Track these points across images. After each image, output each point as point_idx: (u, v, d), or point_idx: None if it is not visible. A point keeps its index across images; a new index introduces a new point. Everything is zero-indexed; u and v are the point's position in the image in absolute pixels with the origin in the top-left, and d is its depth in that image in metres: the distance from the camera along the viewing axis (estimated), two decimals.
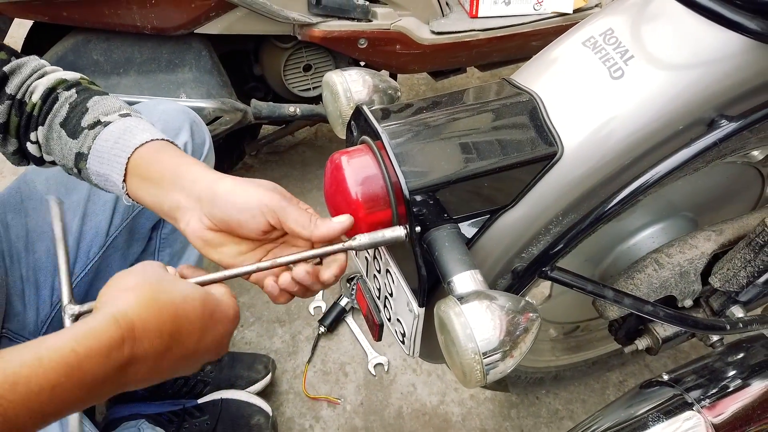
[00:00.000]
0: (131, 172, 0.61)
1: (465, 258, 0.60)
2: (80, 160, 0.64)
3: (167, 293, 0.46)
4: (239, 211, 0.55)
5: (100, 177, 0.63)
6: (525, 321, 0.56)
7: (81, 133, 0.64)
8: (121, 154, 0.61)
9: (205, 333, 0.49)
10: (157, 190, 0.59)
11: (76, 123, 0.65)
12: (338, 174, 0.60)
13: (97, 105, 0.66)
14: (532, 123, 0.63)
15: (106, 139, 0.63)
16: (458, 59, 1.52)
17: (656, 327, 0.93)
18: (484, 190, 0.63)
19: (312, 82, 1.46)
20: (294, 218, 0.55)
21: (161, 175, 0.59)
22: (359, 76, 0.74)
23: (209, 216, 0.56)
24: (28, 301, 0.89)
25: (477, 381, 0.55)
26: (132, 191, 0.61)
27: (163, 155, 0.61)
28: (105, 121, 0.64)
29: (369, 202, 0.59)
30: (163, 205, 0.58)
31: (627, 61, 0.62)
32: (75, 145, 0.64)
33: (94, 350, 0.40)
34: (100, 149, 0.63)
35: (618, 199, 0.64)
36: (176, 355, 0.47)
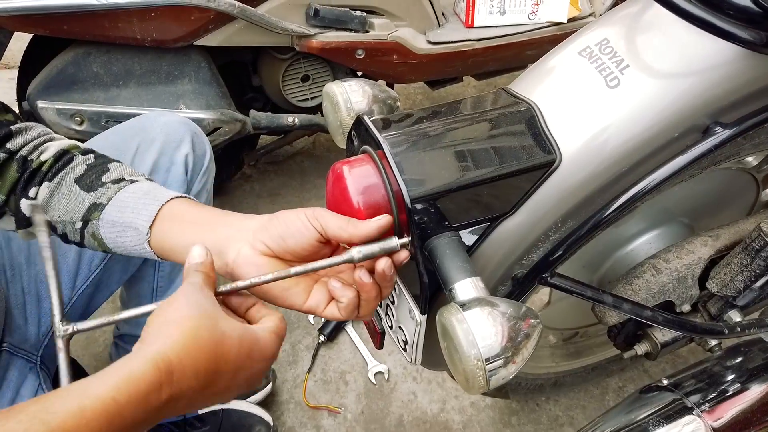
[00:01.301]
0: (162, 217, 0.61)
1: (466, 265, 0.61)
2: (95, 210, 0.63)
3: (208, 331, 0.46)
4: (292, 222, 0.57)
5: (116, 227, 0.63)
6: (526, 327, 0.56)
7: (101, 187, 0.64)
8: (152, 202, 0.61)
9: (240, 371, 0.49)
10: (196, 228, 0.60)
11: (95, 179, 0.65)
12: (340, 183, 0.61)
13: (119, 168, 0.67)
14: (531, 131, 0.64)
15: (133, 191, 0.63)
16: (455, 68, 1.53)
17: (655, 332, 0.94)
18: (483, 198, 0.63)
19: (310, 93, 1.47)
20: (334, 221, 0.57)
21: (205, 218, 0.60)
22: (359, 87, 0.75)
23: (263, 238, 0.57)
24: (30, 314, 0.89)
25: (480, 387, 0.55)
26: (160, 234, 0.61)
27: (198, 207, 0.62)
28: (130, 179, 0.65)
29: (370, 210, 0.60)
30: (205, 240, 0.57)
31: (623, 71, 0.63)
32: (91, 197, 0.64)
33: (134, 397, 0.41)
34: (125, 200, 0.63)
35: (616, 205, 0.65)
36: (211, 392, 0.48)
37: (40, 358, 0.90)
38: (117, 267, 0.98)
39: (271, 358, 0.52)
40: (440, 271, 0.61)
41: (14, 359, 0.86)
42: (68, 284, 0.92)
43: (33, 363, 0.89)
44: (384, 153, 0.60)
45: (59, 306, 0.53)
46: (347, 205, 0.60)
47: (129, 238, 0.62)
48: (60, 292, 0.53)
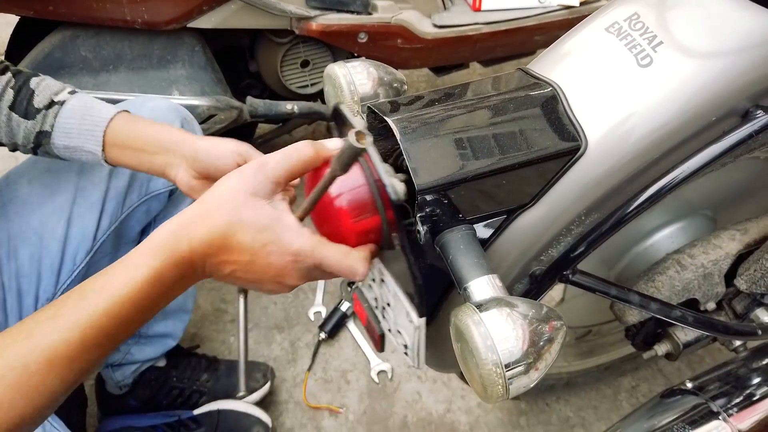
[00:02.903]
0: (108, 142, 0.73)
1: (482, 262, 0.55)
2: (43, 137, 0.73)
3: (226, 215, 0.49)
4: (216, 158, 0.70)
5: (69, 149, 0.74)
6: (549, 330, 0.51)
7: (38, 114, 0.73)
8: (94, 129, 0.72)
9: (253, 263, 0.50)
10: (140, 155, 0.73)
11: (27, 105, 0.73)
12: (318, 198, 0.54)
13: (41, 86, 0.74)
14: (553, 116, 0.58)
15: (69, 117, 0.73)
16: (461, 54, 1.47)
17: (677, 332, 0.88)
18: (501, 189, 0.58)
19: (310, 79, 1.41)
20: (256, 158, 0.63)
21: (144, 142, 0.72)
22: (363, 68, 0.69)
23: (194, 167, 0.71)
24: (10, 311, 0.84)
25: (498, 396, 0.50)
26: (112, 157, 0.74)
27: (138, 125, 0.74)
28: (59, 100, 0.74)
29: (355, 211, 0.53)
30: (151, 165, 0.73)
31: (655, 48, 0.57)
32: (33, 125, 0.73)
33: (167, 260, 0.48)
34: (66, 125, 0.73)
35: (646, 196, 0.60)
36: (232, 265, 0.50)
37: None
38: (104, 261, 0.93)
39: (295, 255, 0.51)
40: (453, 268, 0.56)
41: None
42: (51, 279, 0.87)
43: None
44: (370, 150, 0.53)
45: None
46: (328, 207, 0.54)
47: (85, 156, 0.75)
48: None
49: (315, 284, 1.49)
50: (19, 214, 0.88)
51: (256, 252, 0.49)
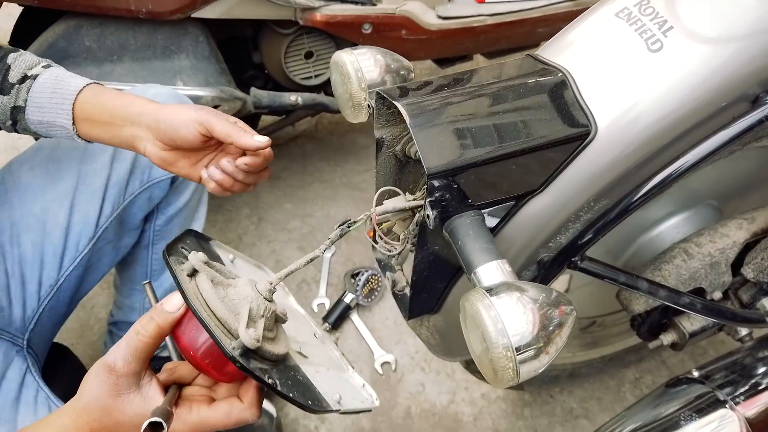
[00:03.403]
0: (78, 117, 0.72)
1: (491, 247, 0.55)
2: (18, 113, 0.73)
3: (98, 421, 0.52)
4: (177, 128, 0.69)
5: (43, 124, 0.73)
6: (559, 315, 0.51)
7: (12, 89, 0.72)
8: (63, 102, 0.71)
9: None
10: (109, 128, 0.72)
11: (3, 80, 0.72)
12: (182, 349, 0.55)
13: (17, 62, 0.73)
14: (563, 101, 0.58)
15: (41, 91, 0.72)
16: (465, 46, 1.47)
17: (682, 321, 0.88)
18: (510, 174, 0.57)
19: (314, 70, 1.40)
20: (220, 128, 0.69)
21: (111, 115, 0.72)
22: (371, 55, 0.69)
23: (159, 138, 0.71)
24: (14, 296, 0.84)
25: (509, 379, 0.50)
26: (83, 131, 0.74)
27: (104, 98, 0.73)
28: (32, 74, 0.72)
29: (216, 364, 0.53)
30: (120, 139, 0.73)
31: (666, 33, 0.57)
32: (8, 100, 0.72)
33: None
34: (39, 100, 0.72)
35: (655, 181, 0.59)
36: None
37: (26, 342, 0.85)
38: (107, 248, 0.93)
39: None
40: (462, 254, 0.56)
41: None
42: (54, 265, 0.87)
43: (19, 346, 0.85)
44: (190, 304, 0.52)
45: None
46: (197, 366, 0.54)
47: (58, 131, 0.74)
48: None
49: (318, 276, 1.49)
50: (22, 201, 0.87)
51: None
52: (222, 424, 0.53)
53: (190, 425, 0.52)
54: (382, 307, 1.43)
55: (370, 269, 1.42)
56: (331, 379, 0.65)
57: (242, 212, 1.64)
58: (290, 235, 1.59)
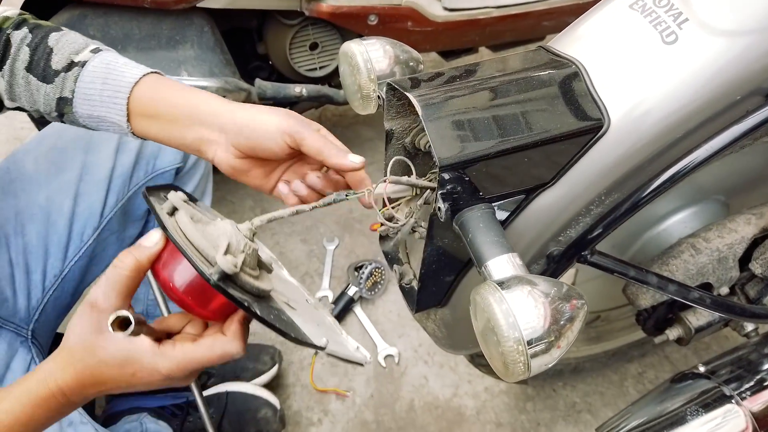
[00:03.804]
0: (134, 111, 0.62)
1: (501, 240, 0.55)
2: (64, 105, 0.63)
3: (82, 361, 0.51)
4: (263, 138, 0.59)
5: (93, 119, 0.63)
6: (571, 309, 0.50)
7: (57, 77, 0.62)
8: (116, 95, 0.61)
9: (133, 386, 0.53)
10: (171, 128, 0.61)
11: (45, 66, 0.62)
12: (163, 285, 0.54)
13: (61, 44, 0.62)
14: (576, 93, 0.57)
15: (90, 81, 0.61)
16: (470, 38, 1.46)
17: (688, 316, 0.88)
18: (522, 167, 0.57)
19: (319, 62, 1.40)
20: (310, 143, 0.59)
21: (174, 113, 0.61)
22: (380, 46, 0.68)
23: (236, 145, 0.60)
24: (18, 286, 0.84)
25: (519, 373, 0.50)
26: (139, 128, 0.63)
27: (166, 92, 0.62)
28: (79, 60, 0.62)
29: (198, 299, 0.53)
30: (183, 140, 0.62)
31: (681, 25, 0.56)
32: (53, 90, 0.62)
33: (37, 407, 0.51)
34: (88, 92, 0.61)
35: (668, 175, 0.59)
36: (116, 390, 0.53)
37: (31, 332, 0.85)
38: (112, 238, 0.93)
39: (166, 376, 0.52)
40: (473, 247, 0.55)
41: (2, 332, 0.81)
42: (59, 256, 0.87)
43: (24, 337, 0.84)
44: (170, 235, 0.51)
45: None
46: (180, 303, 0.53)
47: (111, 127, 0.64)
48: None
49: (321, 269, 1.49)
50: (26, 191, 0.87)
51: (128, 381, 0.52)
52: (206, 358, 0.52)
53: (173, 360, 0.51)
54: (385, 300, 1.43)
55: (373, 262, 1.42)
56: (320, 330, 0.64)
57: (246, 204, 1.64)
58: (293, 227, 1.59)
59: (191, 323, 0.57)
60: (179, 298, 0.52)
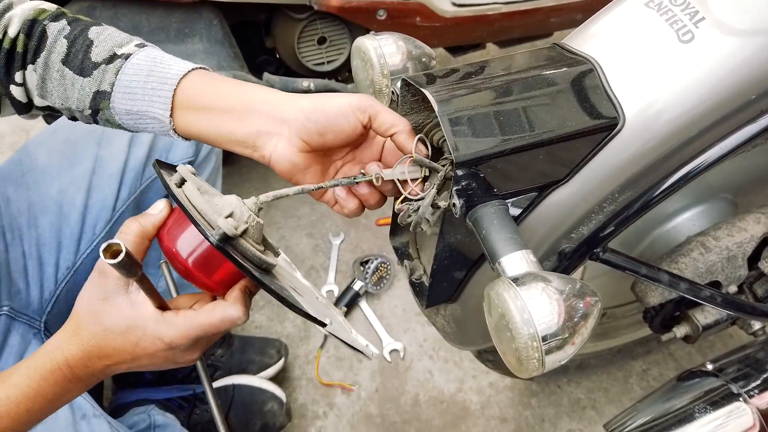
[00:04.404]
0: (180, 105, 0.56)
1: (515, 237, 0.55)
2: (101, 99, 0.57)
3: (88, 329, 0.51)
4: (335, 117, 0.55)
5: (131, 115, 0.58)
6: (585, 306, 0.51)
7: (96, 69, 0.57)
8: (162, 87, 0.56)
9: (137, 358, 0.52)
10: (223, 120, 0.56)
11: (83, 58, 0.57)
12: (167, 253, 0.54)
13: (102, 36, 0.59)
14: (591, 91, 0.57)
15: (134, 73, 0.56)
16: (478, 34, 1.45)
17: (696, 314, 0.88)
18: (537, 163, 0.57)
19: (326, 56, 1.40)
20: (384, 117, 0.56)
21: (228, 104, 0.56)
22: (393, 42, 0.69)
23: (303, 134, 0.55)
24: (32, 278, 0.84)
25: (533, 369, 0.50)
26: (183, 124, 0.57)
27: (217, 84, 0.57)
28: (123, 53, 0.57)
29: (204, 269, 0.52)
30: (234, 134, 0.56)
31: (697, 24, 0.56)
32: (90, 83, 0.57)
33: (42, 380, 0.51)
34: (130, 84, 0.56)
35: (681, 174, 0.60)
36: (121, 365, 0.53)
37: (43, 324, 0.85)
38: None
39: (169, 345, 0.52)
40: (486, 243, 0.55)
41: (15, 324, 0.81)
42: (72, 248, 0.87)
43: (36, 329, 0.85)
44: (180, 203, 0.51)
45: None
46: (184, 271, 0.53)
47: (150, 125, 0.59)
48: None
49: (327, 263, 1.49)
50: (39, 183, 0.87)
51: (132, 351, 0.51)
52: (207, 321, 0.51)
53: (176, 327, 0.51)
54: (390, 295, 1.43)
55: (379, 257, 1.42)
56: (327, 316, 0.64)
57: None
58: (299, 221, 1.59)
59: (198, 302, 0.56)
60: (183, 266, 0.52)
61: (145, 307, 0.51)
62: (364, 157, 0.62)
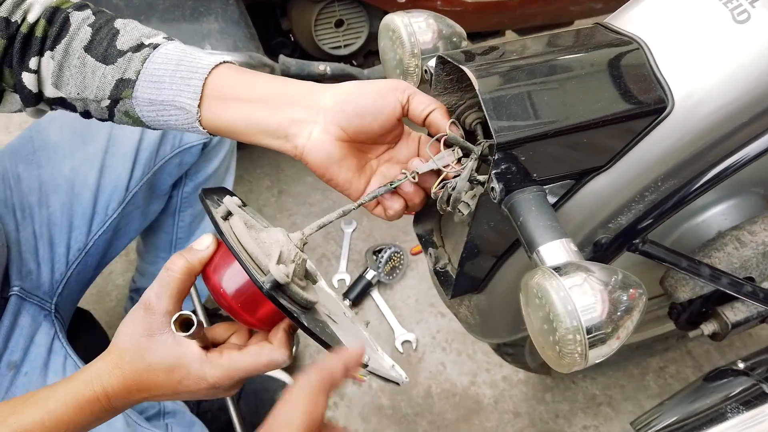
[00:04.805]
0: (210, 94, 0.54)
1: (555, 224, 0.53)
2: (124, 87, 0.54)
3: (131, 363, 0.50)
4: (374, 98, 0.53)
5: (155, 106, 0.55)
6: (630, 298, 0.48)
7: (120, 57, 0.54)
8: (192, 76, 0.53)
9: (178, 393, 0.52)
10: (256, 109, 0.54)
11: (108, 46, 0.55)
12: (213, 291, 0.53)
13: (129, 27, 0.57)
14: (639, 73, 0.54)
15: (162, 62, 0.54)
16: (498, 20, 1.42)
17: (726, 311, 0.86)
18: (580, 148, 0.54)
19: (344, 40, 1.36)
20: (420, 98, 0.55)
21: (260, 93, 0.54)
22: (424, 20, 0.66)
23: (340, 120, 0.53)
24: (42, 258, 0.82)
25: (574, 364, 0.48)
26: (211, 116, 0.54)
27: (250, 76, 0.55)
28: (151, 43, 0.55)
29: (248, 306, 0.52)
30: (266, 124, 0.54)
31: (753, 3, 0.53)
32: (113, 71, 0.54)
33: (79, 409, 0.50)
34: (157, 72, 0.54)
35: (730, 162, 0.57)
36: (159, 398, 0.53)
37: (54, 306, 0.83)
38: (136, 213, 0.91)
39: (212, 385, 0.51)
40: (524, 231, 0.53)
41: (26, 305, 0.79)
42: (83, 229, 0.85)
43: (47, 310, 0.83)
44: (225, 238, 0.50)
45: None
46: (229, 308, 0.53)
47: (173, 117, 0.56)
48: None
49: (339, 252, 1.47)
50: (50, 161, 0.85)
51: (174, 388, 0.51)
52: (252, 366, 0.51)
53: (221, 368, 0.51)
54: (403, 286, 1.40)
55: (392, 246, 1.39)
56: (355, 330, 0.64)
57: (263, 184, 1.61)
58: (311, 209, 1.56)
59: (236, 334, 0.56)
60: (228, 304, 0.52)
61: (190, 346, 0.51)
62: (400, 156, 0.60)
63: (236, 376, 0.51)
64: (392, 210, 0.58)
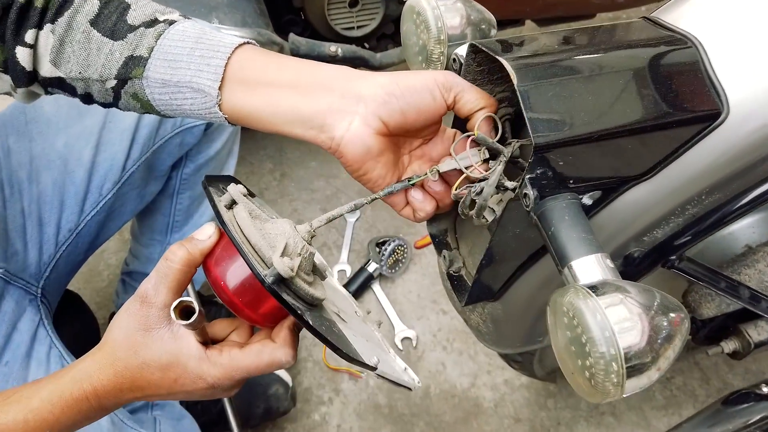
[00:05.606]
0: (232, 77, 0.48)
1: (590, 237, 0.48)
2: (135, 66, 0.49)
3: (124, 360, 0.47)
4: (420, 92, 0.48)
5: (169, 88, 0.49)
6: (672, 324, 0.44)
7: (131, 32, 0.49)
8: (213, 55, 0.48)
9: (173, 393, 0.49)
10: (283, 95, 0.48)
11: (117, 20, 0.49)
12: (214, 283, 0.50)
13: (142, 2, 0.51)
14: (691, 75, 0.49)
15: (180, 39, 0.48)
16: (520, 8, 1.37)
17: (749, 329, 0.82)
18: (622, 154, 0.49)
19: (357, 20, 1.30)
20: (469, 96, 0.50)
21: (291, 77, 0.48)
22: (452, 3, 0.60)
23: (381, 113, 0.47)
24: (30, 238, 0.77)
25: (608, 394, 0.43)
26: (233, 100, 0.49)
27: (279, 58, 0.50)
28: (166, 19, 0.50)
29: (251, 303, 0.49)
30: (297, 111, 0.48)
31: None
32: (122, 47, 0.49)
33: (67, 408, 0.47)
34: (173, 50, 0.48)
35: None
36: (152, 397, 0.50)
37: (41, 290, 0.78)
38: (132, 194, 0.85)
39: (210, 385, 0.48)
40: (555, 242, 0.48)
41: (10, 288, 0.74)
42: (75, 209, 0.80)
43: (33, 295, 0.78)
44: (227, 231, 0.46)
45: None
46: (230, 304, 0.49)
47: (189, 100, 0.49)
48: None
49: (340, 241, 1.42)
50: (43, 135, 0.79)
51: (169, 386, 0.48)
52: (254, 365, 0.48)
53: (220, 367, 0.48)
54: (405, 280, 1.36)
55: (396, 239, 1.35)
56: (369, 346, 0.60)
57: (265, 166, 1.56)
58: (313, 195, 1.51)
59: (237, 331, 0.53)
60: (229, 298, 0.48)
61: (188, 341, 0.47)
62: (433, 153, 0.55)
63: (236, 376, 0.48)
64: (423, 212, 0.53)
